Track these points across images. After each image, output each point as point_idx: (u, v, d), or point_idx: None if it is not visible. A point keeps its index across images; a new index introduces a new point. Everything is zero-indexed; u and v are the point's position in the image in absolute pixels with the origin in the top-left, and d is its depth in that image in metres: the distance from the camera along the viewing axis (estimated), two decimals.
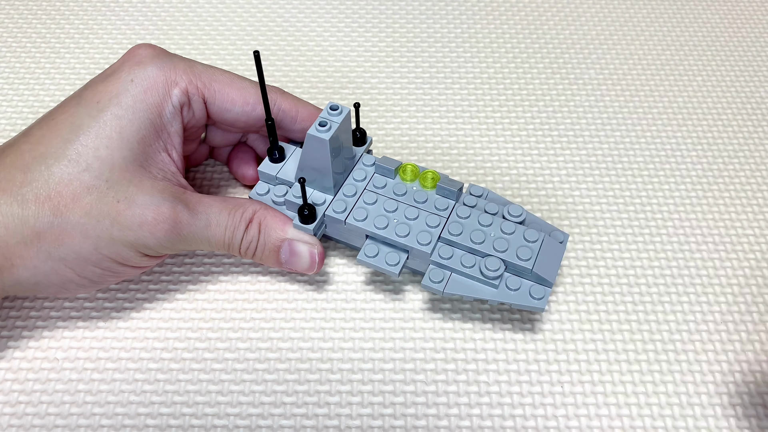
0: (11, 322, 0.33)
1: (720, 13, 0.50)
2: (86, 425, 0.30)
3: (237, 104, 0.33)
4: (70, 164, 0.28)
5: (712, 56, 0.47)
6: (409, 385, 0.31)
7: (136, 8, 0.49)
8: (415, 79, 0.45)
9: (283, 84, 0.44)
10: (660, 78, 0.45)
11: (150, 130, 0.30)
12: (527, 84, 0.45)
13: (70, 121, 0.29)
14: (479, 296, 0.31)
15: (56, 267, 0.28)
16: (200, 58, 0.45)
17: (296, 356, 0.32)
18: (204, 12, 0.49)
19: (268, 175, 0.34)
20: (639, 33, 0.48)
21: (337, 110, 0.31)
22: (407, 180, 0.33)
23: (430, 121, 0.42)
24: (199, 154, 0.38)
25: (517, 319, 0.34)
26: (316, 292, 0.35)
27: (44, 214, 0.27)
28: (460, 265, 0.31)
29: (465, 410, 0.31)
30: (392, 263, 0.31)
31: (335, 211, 0.32)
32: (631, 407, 0.31)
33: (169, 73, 0.31)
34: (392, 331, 0.33)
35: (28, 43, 0.46)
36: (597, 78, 0.45)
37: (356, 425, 0.30)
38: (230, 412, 0.30)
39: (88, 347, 0.32)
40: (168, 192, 0.29)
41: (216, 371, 0.32)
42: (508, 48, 0.47)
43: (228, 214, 0.31)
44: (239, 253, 0.32)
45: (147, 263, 0.31)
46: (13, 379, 0.31)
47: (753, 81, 0.45)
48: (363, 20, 0.49)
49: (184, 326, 0.33)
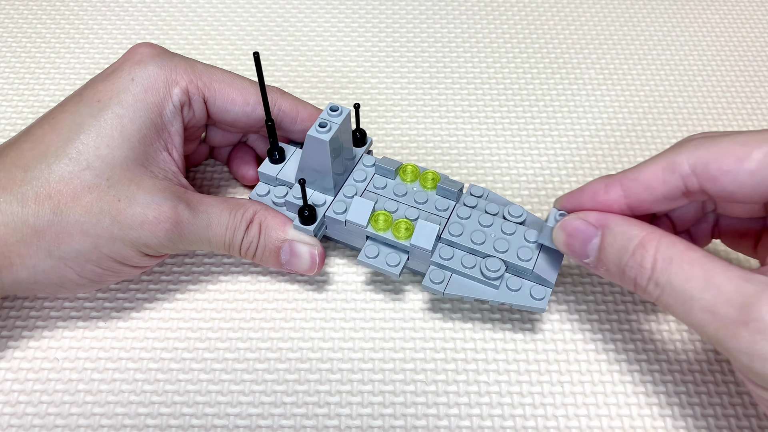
0: (11, 322, 0.33)
1: (720, 13, 0.50)
2: (86, 425, 0.30)
3: (237, 104, 0.33)
4: (71, 163, 0.28)
5: (712, 56, 0.47)
6: (409, 385, 0.31)
7: (136, 8, 0.49)
8: (415, 79, 0.45)
9: (283, 84, 0.44)
10: (660, 78, 0.45)
11: (151, 129, 0.30)
12: (527, 84, 0.45)
13: (71, 120, 0.29)
14: (480, 297, 0.31)
15: (56, 266, 0.28)
16: (200, 58, 0.45)
17: (296, 356, 0.32)
18: (204, 12, 0.49)
19: (268, 176, 0.34)
20: (639, 33, 0.48)
21: (337, 111, 0.31)
22: (407, 181, 0.33)
23: (430, 121, 0.42)
24: (199, 154, 0.38)
25: (517, 319, 0.34)
26: (316, 292, 0.35)
27: (44, 212, 0.27)
28: (460, 265, 0.31)
29: (465, 410, 0.31)
30: (393, 264, 0.31)
31: (335, 212, 0.32)
32: (631, 407, 0.31)
33: (169, 72, 0.31)
34: (392, 331, 0.33)
35: (28, 43, 0.46)
36: (597, 78, 0.45)
37: (356, 425, 0.30)
38: (230, 412, 0.30)
39: (88, 347, 0.32)
40: (169, 191, 0.29)
41: (216, 371, 0.32)
42: (508, 48, 0.47)
43: (229, 214, 0.31)
44: (239, 253, 0.32)
45: (147, 263, 0.31)
46: (13, 379, 0.31)
47: (753, 81, 0.45)
48: (363, 20, 0.49)
49: (184, 326, 0.33)
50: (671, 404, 0.31)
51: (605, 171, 0.40)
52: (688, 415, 0.31)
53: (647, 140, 0.42)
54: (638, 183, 0.27)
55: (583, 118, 0.43)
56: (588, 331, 0.33)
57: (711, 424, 0.30)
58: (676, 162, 0.26)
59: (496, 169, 0.40)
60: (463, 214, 0.32)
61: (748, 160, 0.24)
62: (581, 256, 0.28)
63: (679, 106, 0.44)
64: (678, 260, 0.24)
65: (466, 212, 0.32)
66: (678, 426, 0.30)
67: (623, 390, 0.31)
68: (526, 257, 0.30)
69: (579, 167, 0.40)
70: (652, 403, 0.31)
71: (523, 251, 0.31)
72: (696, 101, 0.44)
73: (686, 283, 0.24)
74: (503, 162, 0.40)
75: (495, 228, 0.32)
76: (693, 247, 0.25)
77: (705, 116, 0.43)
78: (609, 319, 0.34)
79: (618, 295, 0.35)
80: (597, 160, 0.41)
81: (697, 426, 0.30)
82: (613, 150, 0.41)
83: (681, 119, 0.43)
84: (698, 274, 0.24)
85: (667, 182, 0.26)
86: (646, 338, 0.33)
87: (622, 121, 0.43)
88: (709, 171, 0.25)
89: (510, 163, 0.40)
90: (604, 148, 0.41)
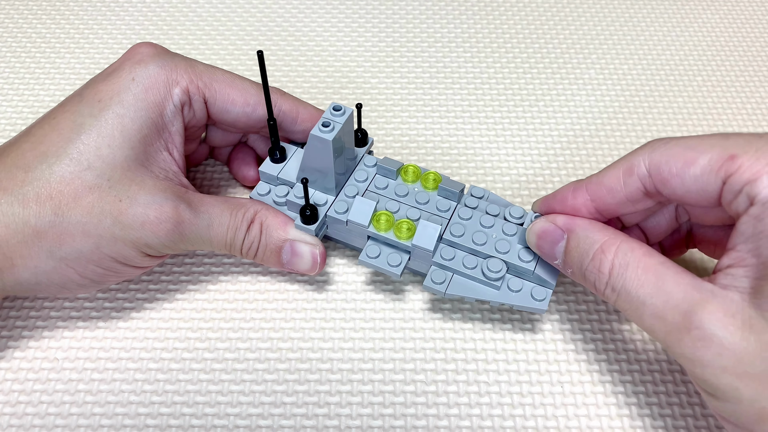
0: (11, 322, 0.33)
1: (720, 13, 0.50)
2: (86, 425, 0.30)
3: (237, 105, 0.33)
4: (72, 163, 0.28)
5: (712, 56, 0.47)
6: (409, 385, 0.31)
7: (136, 8, 0.49)
8: (415, 80, 0.45)
9: (283, 84, 0.44)
10: (660, 78, 0.45)
11: (151, 129, 0.30)
12: (527, 84, 0.45)
13: (72, 120, 0.29)
14: (481, 297, 0.31)
15: (57, 266, 0.28)
16: (200, 58, 0.45)
17: (296, 356, 0.32)
18: (204, 12, 0.49)
19: (270, 175, 0.34)
20: (639, 33, 0.48)
21: (340, 111, 0.31)
22: (409, 181, 0.33)
23: (430, 121, 0.43)
24: (200, 154, 0.38)
25: (517, 320, 0.34)
26: (317, 292, 0.34)
27: (45, 213, 0.27)
28: (461, 266, 0.31)
29: (465, 410, 0.31)
30: (394, 264, 0.31)
31: (337, 212, 0.32)
32: (631, 407, 0.31)
33: (170, 72, 0.31)
34: (392, 331, 0.33)
35: (28, 43, 0.46)
36: (597, 78, 0.45)
37: (356, 425, 0.30)
38: (230, 412, 0.30)
39: (88, 347, 0.32)
40: (170, 191, 0.29)
41: (216, 371, 0.32)
42: (508, 48, 0.47)
43: (230, 214, 0.31)
44: (240, 253, 0.32)
45: (148, 263, 0.30)
46: (13, 379, 0.31)
47: (753, 81, 0.45)
48: (363, 20, 0.49)
49: (184, 326, 0.33)
50: (671, 404, 0.31)
51: None
52: (688, 415, 0.31)
53: (647, 140, 0.41)
54: (601, 186, 0.27)
55: (584, 118, 0.43)
56: (588, 331, 0.33)
57: (711, 423, 0.30)
58: (633, 164, 0.26)
59: (496, 170, 0.40)
60: (465, 214, 0.32)
61: (693, 165, 0.25)
62: (551, 258, 0.29)
63: (679, 106, 0.44)
64: (633, 266, 0.25)
65: (468, 213, 0.32)
66: (678, 426, 0.30)
67: (623, 390, 0.31)
68: (527, 258, 0.30)
69: (579, 167, 0.40)
70: (652, 402, 0.31)
71: (524, 252, 0.31)
72: (696, 101, 0.44)
73: (639, 288, 0.25)
74: (503, 162, 0.40)
75: (496, 229, 0.32)
76: (651, 253, 0.25)
77: (705, 116, 0.43)
78: (609, 320, 0.34)
79: None
80: (597, 160, 0.41)
81: (697, 426, 0.30)
82: (613, 150, 0.41)
83: (681, 119, 0.43)
84: (651, 280, 0.24)
85: (627, 184, 0.27)
86: (645, 338, 0.33)
87: (622, 121, 0.43)
88: (661, 174, 0.26)
89: (510, 163, 0.40)
90: (604, 148, 0.41)
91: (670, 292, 0.24)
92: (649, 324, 0.25)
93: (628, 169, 0.26)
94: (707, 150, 0.24)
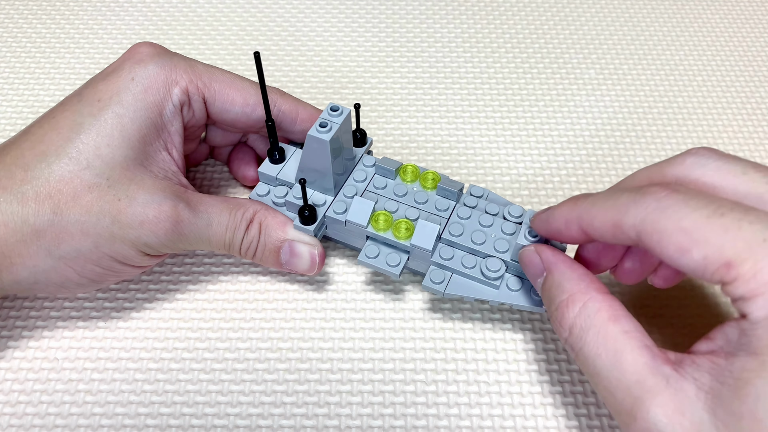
0: (11, 322, 0.33)
1: (720, 13, 0.50)
2: (86, 425, 0.30)
3: (237, 105, 0.33)
4: (71, 162, 0.28)
5: (712, 56, 0.47)
6: (409, 385, 0.31)
7: (136, 8, 0.49)
8: (415, 79, 0.45)
9: (283, 84, 0.44)
10: (660, 78, 0.45)
11: (151, 128, 0.30)
12: (527, 84, 0.45)
13: (71, 119, 0.29)
14: (480, 297, 0.31)
15: (56, 265, 0.28)
16: (200, 58, 0.45)
17: (296, 356, 0.32)
18: (204, 12, 0.49)
19: (268, 176, 0.34)
20: (639, 33, 0.48)
21: (337, 111, 0.31)
22: (408, 181, 0.33)
23: (430, 121, 0.42)
24: (199, 154, 0.38)
25: (517, 319, 0.34)
26: (316, 292, 0.34)
27: (44, 212, 0.27)
28: (460, 265, 0.31)
29: (465, 410, 0.31)
30: (393, 264, 0.31)
31: (336, 212, 0.32)
32: None
33: (169, 72, 0.31)
34: (392, 331, 0.33)
35: (28, 43, 0.46)
36: (597, 78, 0.45)
37: (356, 425, 0.30)
38: (230, 412, 0.30)
39: (88, 347, 0.32)
40: (169, 191, 0.29)
41: (216, 371, 0.32)
42: (508, 48, 0.47)
43: (229, 213, 0.31)
44: (239, 253, 0.32)
45: (147, 262, 0.30)
46: (13, 379, 0.31)
47: (753, 81, 0.45)
48: (363, 20, 0.49)
49: (184, 326, 0.33)
50: None
51: (605, 171, 0.40)
52: None
53: (647, 140, 0.42)
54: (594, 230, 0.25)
55: (583, 118, 0.43)
56: None
57: None
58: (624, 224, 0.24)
59: (496, 169, 0.40)
60: (464, 214, 0.32)
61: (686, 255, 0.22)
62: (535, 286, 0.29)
63: (679, 106, 0.44)
64: (594, 332, 0.24)
65: (467, 212, 0.32)
66: None
67: None
68: None
69: (579, 167, 0.40)
70: None
71: None
72: (696, 101, 0.44)
73: (596, 358, 0.24)
74: (503, 162, 0.40)
75: (495, 228, 0.32)
76: (617, 317, 0.24)
77: (705, 116, 0.43)
78: None
79: (618, 295, 0.34)
80: (597, 160, 0.41)
81: None
82: (613, 150, 0.41)
83: (681, 119, 0.43)
84: (609, 352, 0.23)
85: (616, 237, 0.24)
86: None
87: (622, 121, 0.43)
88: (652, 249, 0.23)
89: (510, 163, 0.40)
90: (604, 148, 0.41)
91: (625, 371, 0.23)
92: (602, 395, 0.24)
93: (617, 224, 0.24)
94: (701, 243, 0.22)
